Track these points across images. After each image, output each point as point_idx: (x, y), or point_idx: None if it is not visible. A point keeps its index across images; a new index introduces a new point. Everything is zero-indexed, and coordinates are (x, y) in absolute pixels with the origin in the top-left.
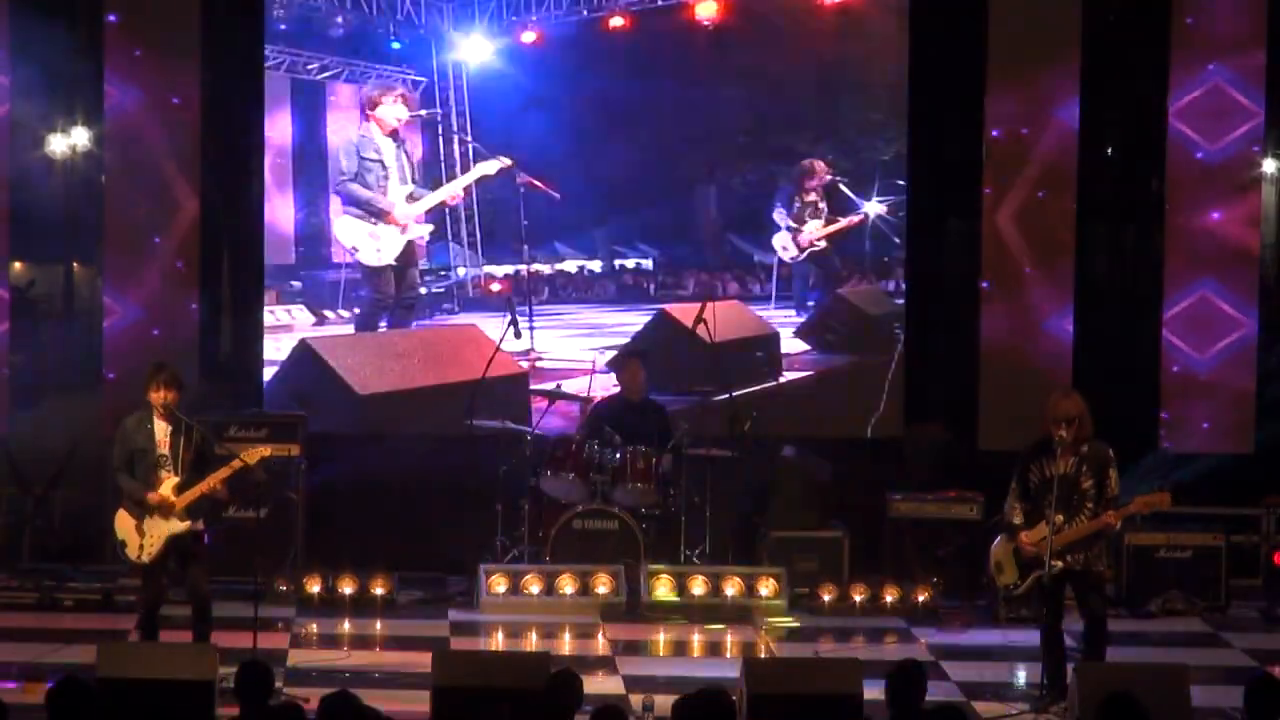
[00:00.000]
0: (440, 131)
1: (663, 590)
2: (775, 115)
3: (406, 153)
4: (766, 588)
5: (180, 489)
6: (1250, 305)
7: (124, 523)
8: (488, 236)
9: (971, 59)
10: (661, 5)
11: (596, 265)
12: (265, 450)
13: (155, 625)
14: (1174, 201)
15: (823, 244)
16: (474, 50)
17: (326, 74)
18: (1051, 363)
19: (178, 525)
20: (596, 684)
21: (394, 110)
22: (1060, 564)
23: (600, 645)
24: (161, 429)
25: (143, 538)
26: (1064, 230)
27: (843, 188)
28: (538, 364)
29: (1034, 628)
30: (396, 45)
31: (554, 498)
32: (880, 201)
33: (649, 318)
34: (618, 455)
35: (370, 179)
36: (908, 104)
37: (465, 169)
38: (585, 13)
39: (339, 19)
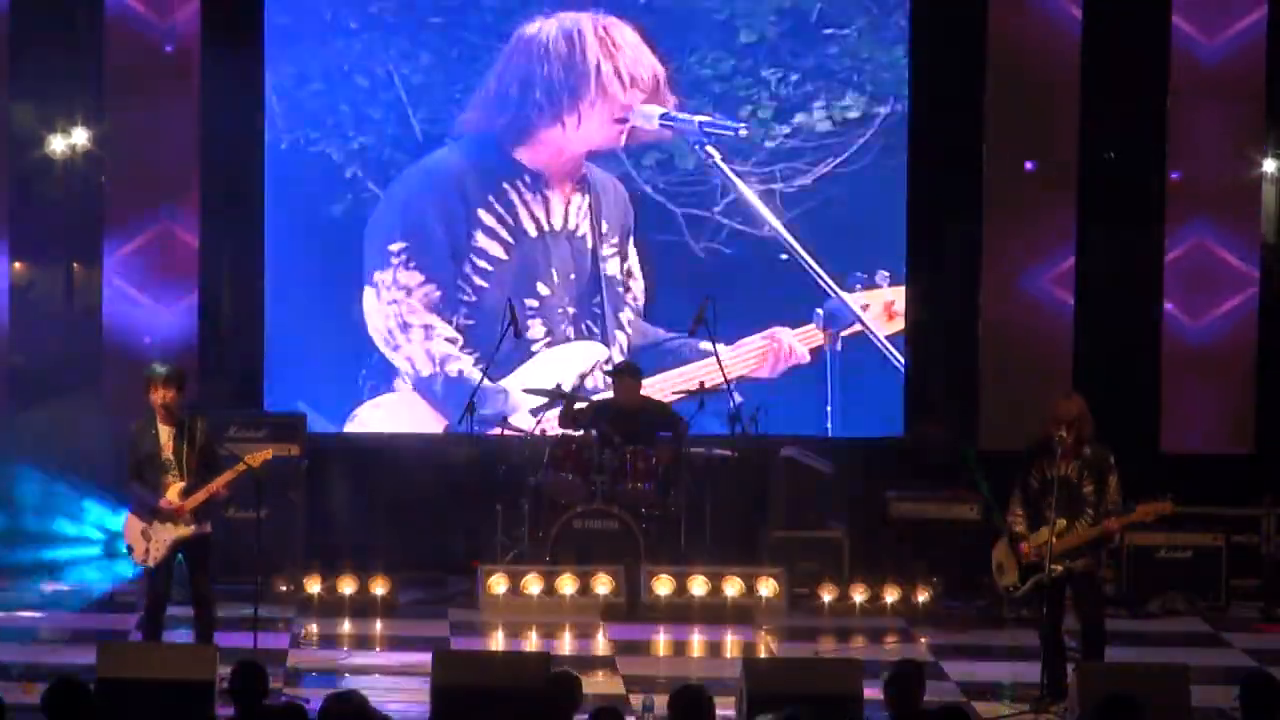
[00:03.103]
0: None
1: (663, 590)
2: None
3: None
4: (766, 588)
5: (186, 493)
6: (1251, 305)
7: (132, 527)
8: None
9: (972, 58)
10: None
11: None
12: (268, 453)
13: (158, 625)
14: (1175, 199)
15: None
16: None
17: None
18: (1053, 361)
19: (185, 530)
20: (596, 684)
21: None
22: (1060, 568)
23: (600, 645)
24: (165, 433)
25: (149, 541)
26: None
27: None
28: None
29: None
30: None
31: (554, 498)
32: None
33: None
34: (618, 455)
35: None
36: (907, 103)
37: None
38: None
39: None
